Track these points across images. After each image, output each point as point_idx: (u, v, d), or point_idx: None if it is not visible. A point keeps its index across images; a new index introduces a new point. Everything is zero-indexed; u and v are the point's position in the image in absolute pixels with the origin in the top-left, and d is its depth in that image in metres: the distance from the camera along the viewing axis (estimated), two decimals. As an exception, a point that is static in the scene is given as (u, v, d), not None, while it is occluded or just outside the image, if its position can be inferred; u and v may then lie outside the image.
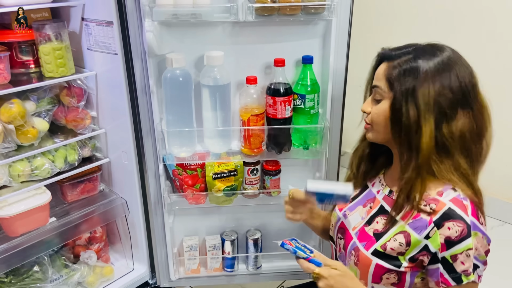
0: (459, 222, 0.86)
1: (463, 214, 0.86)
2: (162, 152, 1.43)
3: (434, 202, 0.89)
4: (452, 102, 0.88)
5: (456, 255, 0.86)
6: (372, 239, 0.97)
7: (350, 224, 1.06)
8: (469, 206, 0.87)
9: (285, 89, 1.34)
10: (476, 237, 0.86)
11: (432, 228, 0.88)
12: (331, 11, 1.27)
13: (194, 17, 1.27)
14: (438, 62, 0.89)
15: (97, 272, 1.58)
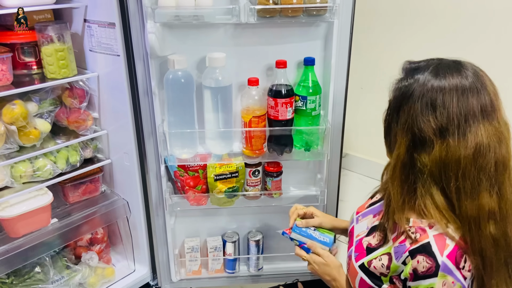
0: (429, 259, 0.82)
1: (437, 252, 0.82)
2: (164, 154, 1.43)
3: (421, 231, 0.85)
4: (432, 130, 0.82)
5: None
6: (363, 252, 0.96)
7: (357, 230, 1.05)
8: (450, 246, 0.82)
9: (286, 90, 1.34)
10: (443, 280, 0.81)
11: (407, 256, 0.85)
12: (333, 13, 1.27)
13: (196, 19, 1.28)
14: (432, 84, 0.83)
15: (99, 273, 1.58)
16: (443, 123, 0.82)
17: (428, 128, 0.83)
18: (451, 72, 0.84)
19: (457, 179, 0.82)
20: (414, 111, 0.84)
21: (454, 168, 0.82)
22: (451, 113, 0.81)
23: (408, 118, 0.84)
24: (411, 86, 0.85)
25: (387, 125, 0.92)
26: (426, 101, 0.83)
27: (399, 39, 2.26)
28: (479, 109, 0.82)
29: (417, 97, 0.84)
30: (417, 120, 0.83)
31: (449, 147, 0.82)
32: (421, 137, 0.84)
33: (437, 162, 0.83)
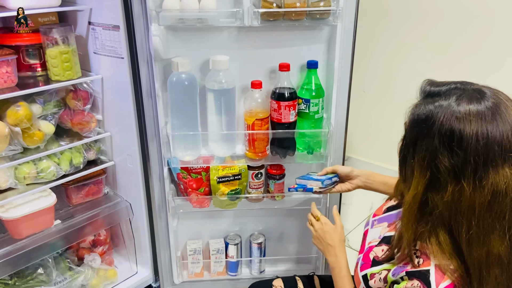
0: (423, 286, 0.79)
1: (433, 283, 0.78)
2: (167, 156, 1.43)
3: (424, 257, 0.82)
4: (447, 169, 0.75)
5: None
6: (369, 263, 0.95)
7: (370, 236, 1.03)
8: (447, 281, 0.78)
9: (289, 93, 1.34)
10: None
11: (404, 275, 0.83)
12: (336, 16, 1.27)
13: (200, 22, 1.28)
14: (454, 116, 0.74)
15: (101, 275, 1.58)
16: (459, 165, 0.74)
17: (444, 169, 0.75)
18: (472, 103, 0.75)
19: (470, 225, 0.76)
20: (433, 146, 0.76)
21: (466, 214, 0.76)
22: (468, 154, 0.73)
23: (427, 153, 0.77)
24: (431, 114, 0.77)
25: (402, 157, 0.84)
26: (443, 136, 0.75)
27: (403, 42, 2.26)
28: (500, 150, 0.73)
29: (436, 130, 0.75)
30: (435, 158, 0.76)
31: (463, 191, 0.75)
32: (436, 176, 0.77)
33: (449, 206, 0.77)
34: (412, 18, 2.21)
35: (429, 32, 2.16)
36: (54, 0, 1.31)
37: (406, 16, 2.22)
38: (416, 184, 0.79)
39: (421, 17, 2.17)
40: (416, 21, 2.20)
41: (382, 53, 2.34)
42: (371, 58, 2.35)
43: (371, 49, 2.33)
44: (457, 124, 0.74)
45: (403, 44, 2.26)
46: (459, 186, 0.75)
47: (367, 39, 2.23)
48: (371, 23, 2.29)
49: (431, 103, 0.78)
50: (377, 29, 2.32)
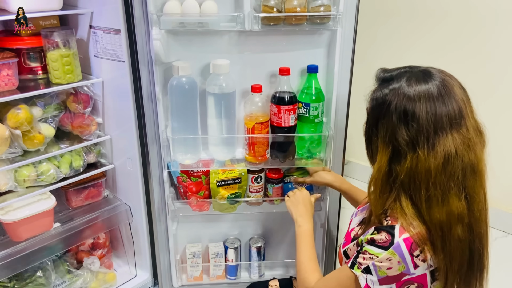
0: (388, 235, 0.87)
1: (397, 233, 0.87)
2: (167, 159, 1.43)
3: (392, 220, 0.90)
4: (405, 142, 0.86)
5: (366, 251, 0.90)
6: (349, 240, 1.03)
7: (353, 223, 1.10)
8: (411, 231, 0.86)
9: (289, 97, 1.35)
10: (390, 256, 0.86)
11: (372, 231, 0.91)
12: (336, 21, 1.28)
13: (201, 26, 1.29)
14: (407, 93, 0.86)
15: (100, 278, 1.58)
16: (414, 135, 0.85)
17: (402, 140, 0.86)
18: (420, 83, 0.87)
19: (428, 188, 0.86)
20: (392, 123, 0.87)
21: (424, 178, 0.85)
22: (420, 125, 0.85)
23: (387, 130, 0.88)
24: (387, 97, 0.88)
25: (367, 137, 0.95)
26: (399, 114, 0.86)
27: (402, 47, 2.27)
28: (448, 119, 0.85)
29: (393, 109, 0.87)
30: (395, 132, 0.87)
31: (419, 158, 0.85)
32: (397, 149, 0.87)
33: (408, 172, 0.86)
34: (414, 22, 2.22)
35: (428, 35, 2.17)
36: (56, 4, 1.32)
37: (408, 20, 2.23)
38: (380, 158, 0.90)
39: (421, 20, 2.18)
40: (417, 25, 2.21)
41: (382, 57, 2.35)
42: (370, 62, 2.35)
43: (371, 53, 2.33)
44: (410, 103, 0.85)
45: (404, 48, 2.26)
46: (416, 154, 0.85)
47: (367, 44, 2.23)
48: (371, 27, 2.30)
49: (386, 87, 0.89)
50: (377, 34, 2.32)
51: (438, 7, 2.11)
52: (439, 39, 2.15)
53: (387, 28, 2.31)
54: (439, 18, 2.12)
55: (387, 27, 2.30)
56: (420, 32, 2.19)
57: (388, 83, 0.90)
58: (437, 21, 2.13)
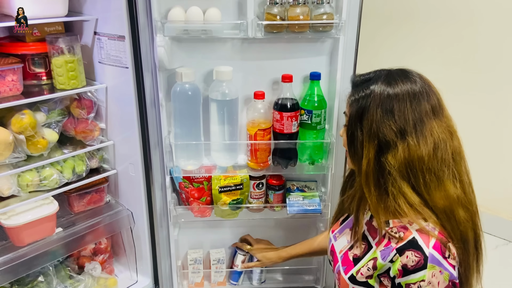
0: (417, 252, 0.86)
1: (423, 245, 0.86)
2: (169, 165, 1.44)
3: (403, 230, 0.90)
4: (393, 133, 0.89)
5: (409, 285, 0.86)
6: (351, 264, 0.99)
7: (338, 247, 1.08)
8: (433, 238, 0.87)
9: (292, 104, 1.36)
10: (432, 271, 0.84)
11: (395, 254, 0.89)
12: (339, 29, 1.29)
13: (205, 33, 1.30)
14: (387, 91, 0.90)
15: (101, 283, 1.58)
16: (402, 125, 0.89)
17: (390, 132, 0.89)
18: (401, 79, 0.92)
19: (424, 173, 0.89)
20: (376, 118, 0.90)
21: (419, 164, 0.89)
22: (407, 116, 0.89)
23: (372, 126, 0.90)
24: (369, 97, 0.92)
25: (350, 135, 0.96)
26: (385, 108, 0.90)
27: (404, 54, 2.28)
28: (430, 109, 0.90)
29: (376, 106, 0.90)
30: (380, 126, 0.90)
31: (410, 146, 0.89)
32: (385, 141, 0.90)
33: (403, 161, 0.89)
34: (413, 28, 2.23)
35: (432, 44, 2.18)
36: (61, 10, 1.33)
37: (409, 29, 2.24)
38: (367, 152, 0.91)
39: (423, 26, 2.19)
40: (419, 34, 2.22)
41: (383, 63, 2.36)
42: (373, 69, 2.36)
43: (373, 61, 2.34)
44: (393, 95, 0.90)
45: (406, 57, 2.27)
46: (405, 142, 0.89)
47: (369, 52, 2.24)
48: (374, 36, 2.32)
49: (367, 86, 0.93)
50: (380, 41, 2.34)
51: (441, 14, 2.12)
52: (442, 46, 2.16)
53: (389, 35, 2.32)
54: (442, 25, 2.13)
55: (389, 34, 2.32)
56: (422, 38, 2.20)
57: (368, 82, 0.94)
58: (440, 27, 2.14)
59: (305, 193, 1.56)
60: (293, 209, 1.49)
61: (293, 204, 1.51)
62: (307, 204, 1.51)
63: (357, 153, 0.95)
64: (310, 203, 1.52)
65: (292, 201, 1.52)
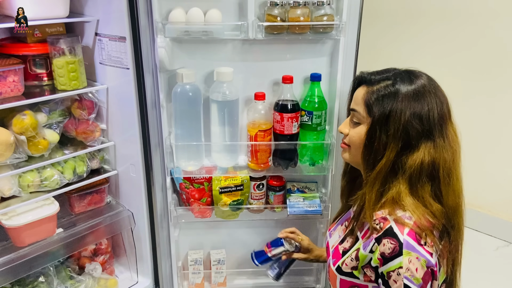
0: (392, 239, 0.87)
1: (398, 232, 0.87)
2: (170, 166, 1.44)
3: (383, 220, 0.91)
4: (418, 133, 0.90)
5: (389, 272, 0.88)
6: (339, 256, 1.01)
7: (331, 242, 1.10)
8: (408, 223, 0.88)
9: (292, 105, 1.36)
10: (408, 257, 0.86)
11: (373, 244, 0.90)
12: (339, 30, 1.29)
13: (206, 34, 1.30)
14: (413, 90, 0.91)
15: (102, 284, 1.58)
16: (428, 127, 0.90)
17: (416, 134, 0.90)
18: (421, 80, 0.93)
19: (444, 173, 0.91)
20: (404, 120, 0.89)
21: (442, 164, 0.90)
22: (433, 117, 0.90)
23: (399, 127, 0.90)
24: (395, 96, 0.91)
25: (371, 135, 0.94)
26: (413, 110, 0.90)
27: (406, 57, 2.28)
28: (448, 110, 0.93)
29: (404, 107, 0.90)
30: (407, 127, 0.90)
31: (436, 147, 0.90)
32: (409, 143, 0.90)
33: (421, 163, 0.90)
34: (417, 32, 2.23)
35: (435, 45, 2.18)
36: (62, 11, 1.34)
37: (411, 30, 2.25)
38: (389, 153, 0.91)
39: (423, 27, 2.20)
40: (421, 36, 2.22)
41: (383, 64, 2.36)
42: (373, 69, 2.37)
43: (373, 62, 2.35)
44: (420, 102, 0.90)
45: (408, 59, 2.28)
46: (432, 143, 0.90)
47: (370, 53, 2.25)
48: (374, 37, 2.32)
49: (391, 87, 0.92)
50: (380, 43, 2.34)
51: (442, 14, 2.13)
52: (442, 45, 2.16)
53: (389, 36, 2.32)
54: (442, 25, 2.13)
55: (389, 35, 2.32)
56: (422, 39, 2.21)
57: (388, 81, 0.93)
58: (441, 27, 2.14)
59: (306, 194, 1.56)
60: (294, 210, 1.50)
61: (294, 205, 1.51)
62: (307, 205, 1.52)
63: (375, 152, 0.93)
64: (311, 204, 1.52)
65: (293, 202, 1.52)
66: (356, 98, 0.98)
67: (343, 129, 1.03)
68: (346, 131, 1.02)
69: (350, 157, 1.03)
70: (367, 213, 0.93)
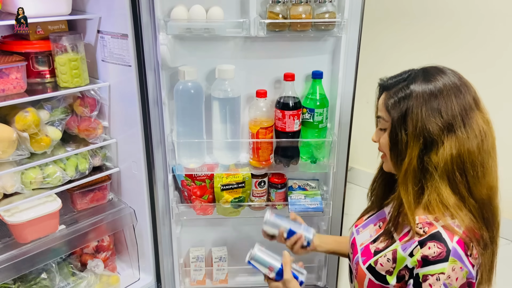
0: (440, 244, 0.86)
1: (447, 238, 0.86)
2: (172, 163, 1.45)
3: (428, 225, 0.90)
4: (439, 128, 0.89)
5: (427, 275, 0.86)
6: (371, 255, 1.00)
7: (359, 240, 1.08)
8: (458, 232, 0.87)
9: (294, 103, 1.36)
10: (453, 265, 0.84)
11: (415, 246, 0.89)
12: (341, 28, 1.29)
13: (207, 32, 1.30)
14: (428, 86, 0.90)
15: (104, 281, 1.59)
16: (449, 121, 0.88)
17: (437, 129, 0.89)
18: (440, 75, 0.92)
19: (473, 166, 0.89)
20: (421, 117, 0.89)
21: (469, 158, 0.89)
22: (454, 110, 0.88)
23: (417, 125, 0.89)
24: (409, 97, 0.91)
25: (393, 138, 0.94)
26: (430, 106, 0.89)
27: (407, 54, 2.28)
28: (473, 100, 0.91)
29: (420, 105, 0.89)
30: (426, 124, 0.89)
31: (459, 140, 0.89)
32: (431, 139, 0.89)
33: (449, 158, 0.88)
34: (419, 31, 2.23)
35: (437, 45, 2.18)
36: (64, 9, 1.34)
37: (413, 29, 2.24)
38: (411, 151, 0.90)
39: (429, 29, 2.19)
40: (423, 34, 2.22)
41: (386, 64, 2.36)
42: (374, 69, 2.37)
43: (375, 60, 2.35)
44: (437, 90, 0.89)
45: (409, 57, 2.28)
46: (454, 138, 0.89)
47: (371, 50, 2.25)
48: (376, 35, 2.32)
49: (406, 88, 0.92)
50: (382, 41, 2.34)
51: (443, 11, 2.12)
52: (443, 43, 2.16)
53: (390, 33, 2.32)
54: (443, 22, 2.13)
55: (390, 33, 2.32)
56: (425, 36, 2.20)
57: (404, 83, 0.93)
58: (441, 24, 2.14)
59: (307, 191, 1.57)
60: (295, 208, 1.50)
61: (295, 203, 1.51)
62: (308, 202, 1.52)
63: (401, 154, 0.93)
64: (312, 202, 1.52)
65: (294, 199, 1.52)
66: (379, 105, 0.99)
67: (374, 138, 1.03)
68: (377, 139, 1.01)
69: (386, 165, 1.02)
70: (409, 217, 0.91)
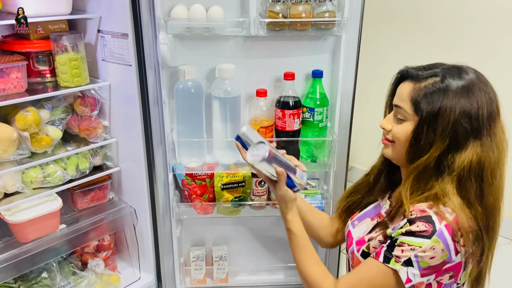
0: (428, 224, 0.86)
1: (436, 220, 0.87)
2: (172, 162, 1.45)
3: (421, 212, 0.89)
4: (467, 132, 0.88)
5: (404, 243, 0.87)
6: (364, 242, 1.01)
7: (356, 233, 1.09)
8: (448, 219, 0.87)
9: (294, 102, 1.36)
10: (434, 244, 0.85)
11: (405, 223, 0.89)
12: (341, 27, 1.29)
13: (207, 31, 1.31)
14: (462, 87, 0.88)
15: (104, 280, 1.59)
16: (477, 126, 0.88)
17: (465, 133, 0.88)
18: (467, 75, 0.90)
19: (493, 175, 0.89)
20: (454, 118, 0.87)
21: (489, 167, 0.89)
22: (483, 116, 0.87)
23: (447, 125, 0.88)
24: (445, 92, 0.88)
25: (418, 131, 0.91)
26: (463, 108, 0.87)
27: (407, 54, 2.28)
28: (497, 107, 0.90)
29: (455, 104, 0.87)
30: (456, 126, 0.87)
31: (482, 147, 0.88)
32: (456, 142, 0.88)
33: (469, 163, 0.88)
34: (419, 30, 2.23)
35: (433, 41, 2.18)
36: (65, 8, 1.34)
37: (413, 28, 2.24)
38: (434, 150, 0.89)
39: (429, 28, 2.19)
40: (423, 33, 2.22)
41: (386, 63, 2.36)
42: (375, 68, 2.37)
43: (375, 59, 2.35)
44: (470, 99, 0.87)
45: (409, 56, 2.28)
46: (479, 143, 0.88)
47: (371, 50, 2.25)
48: (376, 34, 2.32)
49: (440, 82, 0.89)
50: (382, 40, 2.34)
51: (442, 11, 2.12)
52: (443, 42, 2.16)
53: (391, 33, 2.32)
54: (442, 21, 2.13)
55: (391, 32, 2.32)
56: (424, 36, 2.20)
57: (436, 77, 0.90)
58: (441, 24, 2.14)
59: (307, 190, 1.57)
60: None
61: None
62: (309, 201, 1.52)
63: (422, 151, 0.91)
64: (312, 201, 1.52)
65: None
66: (400, 94, 0.95)
67: (385, 125, 1.00)
68: (389, 127, 0.98)
69: (392, 153, 0.99)
70: (405, 207, 0.91)
